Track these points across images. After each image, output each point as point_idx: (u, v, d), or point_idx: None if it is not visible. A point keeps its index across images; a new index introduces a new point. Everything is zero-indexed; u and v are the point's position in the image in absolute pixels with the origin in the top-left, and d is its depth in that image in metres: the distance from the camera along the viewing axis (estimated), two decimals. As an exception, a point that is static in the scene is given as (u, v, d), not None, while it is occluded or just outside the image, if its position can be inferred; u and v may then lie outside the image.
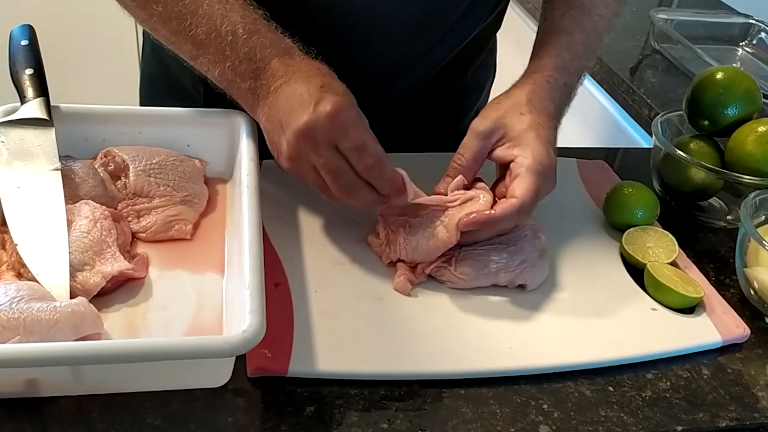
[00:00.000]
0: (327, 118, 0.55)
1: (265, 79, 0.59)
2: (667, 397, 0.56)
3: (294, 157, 0.58)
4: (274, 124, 0.58)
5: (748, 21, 1.42)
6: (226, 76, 0.61)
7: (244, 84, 0.60)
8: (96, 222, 0.58)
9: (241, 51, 0.59)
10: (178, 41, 0.62)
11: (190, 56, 0.63)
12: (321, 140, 0.56)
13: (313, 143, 0.56)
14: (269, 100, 0.59)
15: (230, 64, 0.60)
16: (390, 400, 0.53)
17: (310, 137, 0.56)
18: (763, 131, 0.72)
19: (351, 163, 0.57)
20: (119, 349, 0.45)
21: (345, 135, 0.56)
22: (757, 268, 0.64)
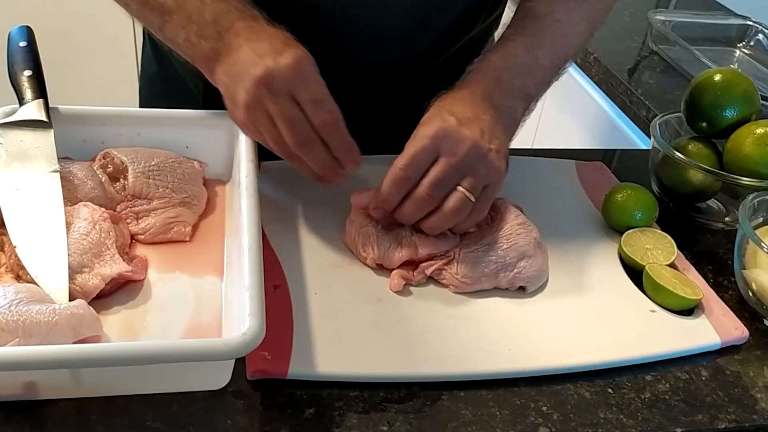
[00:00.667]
0: (287, 67, 0.56)
1: (228, 38, 0.60)
2: (666, 399, 0.56)
3: (250, 105, 0.58)
4: (233, 77, 0.59)
5: (745, 22, 1.43)
6: (190, 40, 0.61)
7: (207, 44, 0.60)
8: (95, 224, 0.58)
9: (207, 15, 0.60)
10: (146, 12, 0.63)
11: (158, 25, 0.63)
12: (280, 88, 0.56)
13: (272, 91, 0.56)
14: (231, 57, 0.59)
15: (195, 27, 0.60)
16: (389, 402, 0.53)
17: (269, 84, 0.56)
18: (762, 133, 0.73)
19: (307, 116, 0.58)
20: (119, 352, 0.45)
21: (304, 86, 0.57)
22: (756, 270, 0.65)
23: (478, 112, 0.62)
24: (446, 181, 0.59)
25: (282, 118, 0.57)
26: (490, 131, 0.61)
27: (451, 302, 0.61)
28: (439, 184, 0.59)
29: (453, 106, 0.61)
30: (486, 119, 0.62)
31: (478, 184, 0.60)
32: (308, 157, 0.59)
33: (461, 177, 0.60)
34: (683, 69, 1.26)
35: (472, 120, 0.60)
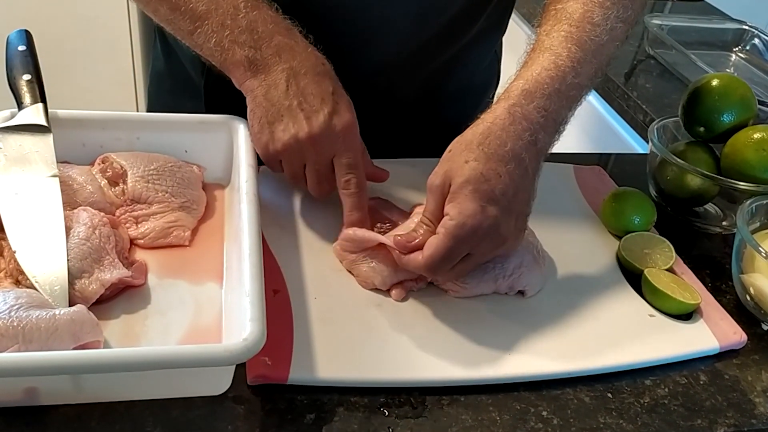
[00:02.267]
0: (340, 133, 0.60)
1: (267, 52, 0.60)
2: (665, 404, 0.56)
3: (291, 149, 0.61)
4: (276, 109, 0.60)
5: (741, 27, 1.44)
6: (223, 45, 0.61)
7: (242, 51, 0.61)
8: (95, 229, 0.58)
9: (242, 22, 0.61)
10: (176, 17, 0.63)
11: (188, 31, 0.63)
12: (327, 149, 0.61)
13: (319, 149, 0.60)
14: (271, 77, 0.61)
15: (229, 32, 0.61)
16: (390, 407, 0.53)
17: (318, 143, 0.60)
18: (759, 138, 0.73)
19: (337, 174, 0.62)
20: (120, 358, 0.45)
21: (346, 152, 0.61)
22: (754, 275, 0.65)
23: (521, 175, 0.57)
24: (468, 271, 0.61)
25: (314, 172, 0.63)
26: (524, 208, 0.60)
27: (451, 307, 0.61)
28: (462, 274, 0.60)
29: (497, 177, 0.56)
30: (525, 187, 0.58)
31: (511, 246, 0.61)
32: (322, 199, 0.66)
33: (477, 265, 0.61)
34: (679, 73, 1.26)
35: (512, 202, 0.57)
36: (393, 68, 0.77)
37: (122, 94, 2.07)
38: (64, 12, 1.94)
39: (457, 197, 0.56)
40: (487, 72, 0.90)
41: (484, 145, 0.57)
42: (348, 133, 0.61)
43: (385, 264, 0.61)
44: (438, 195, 0.58)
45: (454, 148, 0.59)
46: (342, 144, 0.61)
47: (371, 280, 0.61)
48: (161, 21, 0.66)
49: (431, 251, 0.56)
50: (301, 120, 0.59)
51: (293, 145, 0.61)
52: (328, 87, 0.61)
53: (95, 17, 1.94)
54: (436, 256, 0.56)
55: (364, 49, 0.74)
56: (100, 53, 2.00)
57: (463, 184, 0.56)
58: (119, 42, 1.99)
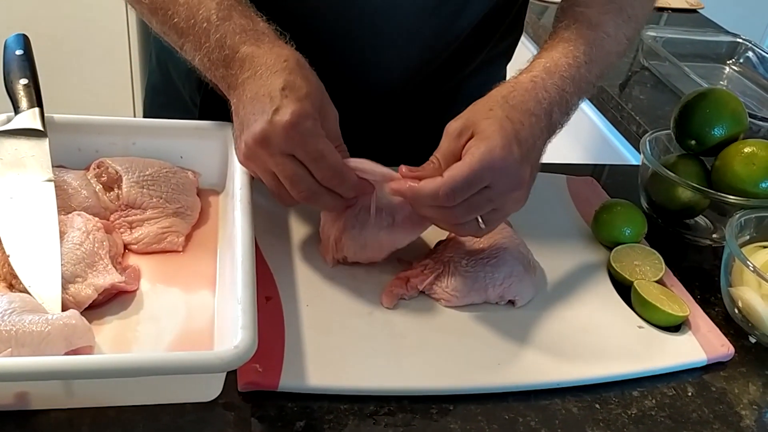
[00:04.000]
0: (283, 129, 0.55)
1: (234, 68, 0.59)
2: (652, 415, 0.56)
3: (250, 158, 0.59)
4: (239, 119, 0.59)
5: (735, 40, 1.45)
6: (204, 64, 0.61)
7: (218, 72, 0.61)
8: (88, 234, 0.59)
9: (213, 38, 0.60)
10: (166, 31, 0.63)
11: (178, 46, 0.63)
12: (276, 150, 0.56)
13: (269, 151, 0.56)
14: (237, 92, 0.59)
15: (205, 51, 0.60)
16: (379, 415, 0.53)
17: (266, 145, 0.56)
18: (749, 152, 0.74)
19: (310, 171, 0.57)
20: (112, 364, 0.45)
21: (301, 147, 0.56)
22: (742, 288, 0.65)
23: (536, 135, 0.60)
24: (479, 210, 0.59)
25: (283, 176, 0.57)
26: (537, 164, 0.61)
27: (442, 316, 0.62)
28: (473, 212, 0.59)
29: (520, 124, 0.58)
30: (539, 147, 0.61)
31: (499, 220, 0.61)
32: (317, 205, 0.60)
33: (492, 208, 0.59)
34: (673, 85, 1.27)
35: (530, 151, 0.59)
36: (397, 93, 0.78)
37: (120, 98, 2.07)
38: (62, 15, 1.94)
39: (482, 133, 0.57)
40: None
41: (509, 98, 0.60)
42: (293, 126, 0.55)
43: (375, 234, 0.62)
44: (454, 138, 0.58)
45: (477, 103, 0.61)
46: (293, 140, 0.55)
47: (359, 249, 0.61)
48: (158, 33, 0.66)
49: (453, 172, 0.55)
50: (250, 125, 0.57)
51: (248, 153, 0.58)
52: (279, 83, 0.56)
53: (93, 20, 1.95)
54: (458, 178, 0.55)
55: (369, 73, 0.75)
56: (98, 57, 2.00)
57: (489, 123, 0.57)
58: (117, 46, 1.99)
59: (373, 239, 0.62)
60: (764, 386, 0.61)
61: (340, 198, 0.59)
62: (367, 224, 0.62)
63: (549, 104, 0.61)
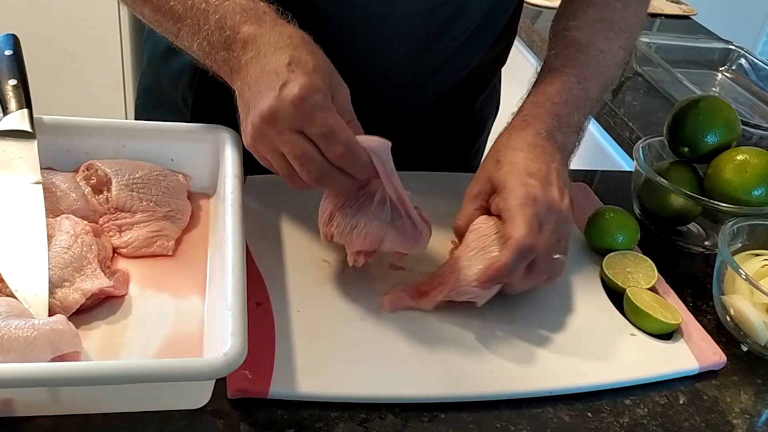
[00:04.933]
0: (291, 104, 0.52)
1: (236, 50, 0.57)
2: (644, 424, 0.56)
3: (257, 139, 0.55)
4: (244, 101, 0.57)
5: (728, 46, 1.45)
6: (204, 49, 0.59)
7: (219, 55, 0.58)
8: (77, 237, 0.58)
9: (212, 19, 0.57)
10: (160, 19, 0.61)
11: (173, 34, 0.61)
12: (285, 126, 0.53)
13: (277, 129, 0.53)
14: (241, 74, 0.57)
15: (205, 34, 0.58)
16: (370, 422, 0.53)
17: (274, 122, 0.53)
18: (741, 160, 0.74)
19: (320, 149, 0.54)
20: (99, 371, 0.45)
21: (311, 121, 0.53)
22: (734, 296, 0.65)
23: (548, 161, 0.63)
24: (555, 248, 0.61)
25: (292, 155, 0.54)
26: (563, 182, 0.63)
27: (433, 324, 0.61)
28: (551, 252, 0.60)
29: (526, 161, 0.62)
30: (555, 168, 0.63)
31: (567, 245, 0.63)
32: (328, 187, 0.58)
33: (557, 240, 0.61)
34: (666, 91, 1.27)
35: (548, 176, 0.62)
36: (391, 96, 0.78)
37: (112, 99, 2.06)
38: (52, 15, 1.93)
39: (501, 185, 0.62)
40: (487, 102, 0.91)
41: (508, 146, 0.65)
42: (302, 100, 0.52)
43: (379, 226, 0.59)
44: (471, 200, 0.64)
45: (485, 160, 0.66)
46: (302, 114, 0.52)
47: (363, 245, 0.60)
48: (149, 23, 0.64)
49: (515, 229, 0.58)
50: (255, 104, 0.54)
51: (255, 134, 0.55)
52: (284, 59, 0.54)
53: (84, 20, 1.93)
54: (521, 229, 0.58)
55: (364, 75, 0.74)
56: (90, 57, 1.99)
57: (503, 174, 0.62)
58: (109, 46, 1.98)
59: (363, 225, 0.59)
60: (756, 395, 0.61)
61: (351, 178, 0.56)
62: (365, 210, 0.59)
63: (547, 131, 0.65)
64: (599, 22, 0.71)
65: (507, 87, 0.95)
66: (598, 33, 0.70)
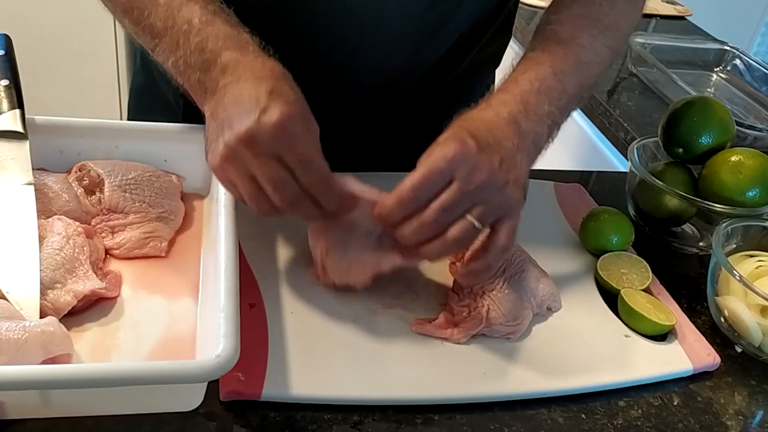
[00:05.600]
0: (272, 128, 0.52)
1: (214, 72, 0.57)
2: (638, 426, 0.56)
3: (229, 160, 0.54)
4: (217, 122, 0.56)
5: (723, 47, 1.46)
6: (178, 67, 0.59)
7: (194, 76, 0.58)
8: (69, 239, 0.57)
9: (193, 41, 0.57)
10: (138, 32, 0.61)
11: (150, 47, 0.61)
12: (262, 150, 0.53)
13: (254, 152, 0.53)
14: (216, 96, 0.56)
15: (182, 53, 0.58)
16: (364, 425, 0.52)
17: (251, 145, 0.53)
18: (736, 161, 0.74)
19: (295, 176, 0.54)
20: (90, 374, 0.44)
21: (289, 148, 0.53)
22: (728, 297, 0.65)
23: (500, 137, 0.58)
24: (455, 208, 0.55)
25: (266, 179, 0.54)
26: (510, 160, 0.58)
27: (428, 324, 0.61)
28: (448, 210, 0.55)
29: (475, 128, 0.58)
30: (508, 146, 0.58)
31: (489, 214, 0.57)
32: (297, 214, 0.57)
33: (472, 205, 0.56)
34: (661, 92, 1.27)
35: (493, 146, 0.57)
36: (383, 97, 0.77)
37: (106, 99, 2.05)
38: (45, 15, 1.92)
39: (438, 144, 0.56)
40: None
41: (464, 119, 0.59)
42: (283, 126, 0.52)
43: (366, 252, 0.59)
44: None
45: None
46: (281, 141, 0.52)
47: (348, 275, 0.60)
48: (129, 33, 0.64)
49: (409, 176, 0.54)
50: (233, 126, 0.53)
51: (227, 155, 0.54)
52: (267, 87, 0.54)
53: (78, 20, 1.92)
54: (414, 176, 0.54)
55: (356, 75, 0.74)
56: (84, 57, 1.98)
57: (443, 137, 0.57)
58: (103, 46, 1.97)
59: (356, 262, 0.60)
60: (750, 396, 0.61)
61: (321, 209, 0.57)
62: (349, 244, 0.60)
63: (509, 114, 0.61)
64: (583, 18, 0.69)
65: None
66: (581, 29, 0.68)
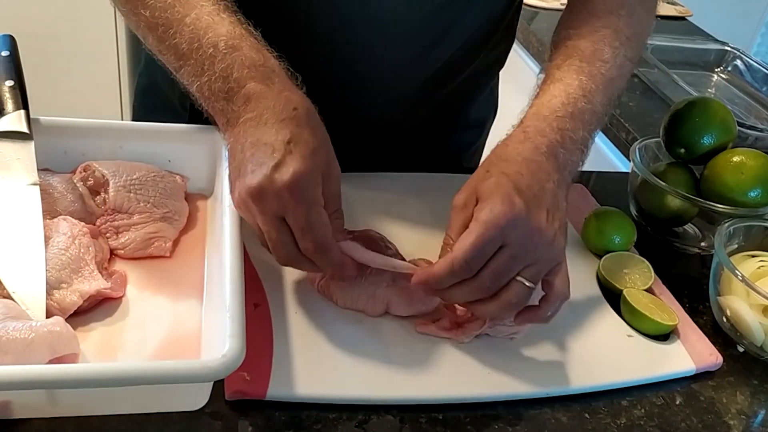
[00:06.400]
0: (280, 188, 0.52)
1: (237, 103, 0.56)
2: (641, 425, 0.56)
3: (241, 208, 0.56)
4: (236, 162, 0.55)
5: (723, 48, 1.46)
6: (203, 92, 0.58)
7: (218, 104, 0.57)
8: (74, 239, 0.58)
9: (218, 67, 0.56)
10: (163, 50, 0.60)
11: (174, 68, 0.60)
12: (269, 208, 0.53)
13: (261, 207, 0.53)
14: (236, 130, 0.56)
15: (207, 79, 0.57)
16: (368, 424, 0.53)
17: (259, 201, 0.53)
18: (738, 161, 0.74)
19: (295, 238, 0.54)
20: (96, 374, 0.45)
21: (293, 213, 0.53)
22: (730, 297, 0.66)
23: (543, 179, 0.57)
24: (509, 273, 0.54)
25: (267, 236, 0.55)
26: (554, 205, 0.57)
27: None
28: (501, 276, 0.54)
29: (519, 177, 0.56)
30: (550, 188, 0.57)
31: (541, 272, 0.56)
32: (297, 268, 0.58)
33: (524, 266, 0.55)
34: (662, 92, 1.28)
35: (539, 198, 0.55)
36: (392, 102, 0.77)
37: (107, 100, 2.05)
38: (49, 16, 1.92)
39: (483, 195, 0.55)
40: (485, 104, 0.91)
41: (502, 155, 0.59)
42: (292, 188, 0.52)
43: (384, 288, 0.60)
44: (461, 210, 0.57)
45: (476, 171, 0.59)
46: (288, 203, 0.52)
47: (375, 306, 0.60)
48: (152, 50, 0.63)
49: (462, 242, 0.53)
50: (246, 174, 0.53)
51: (240, 204, 0.55)
52: (285, 135, 0.53)
53: (81, 21, 1.93)
54: (467, 245, 0.52)
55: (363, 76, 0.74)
56: (86, 58, 1.98)
57: (488, 184, 0.56)
58: (105, 47, 1.97)
59: (367, 294, 0.60)
60: (752, 395, 0.61)
61: (317, 269, 0.57)
62: (355, 283, 0.60)
63: (548, 147, 0.59)
64: (603, 30, 0.67)
65: (504, 87, 0.96)
66: (602, 42, 0.66)
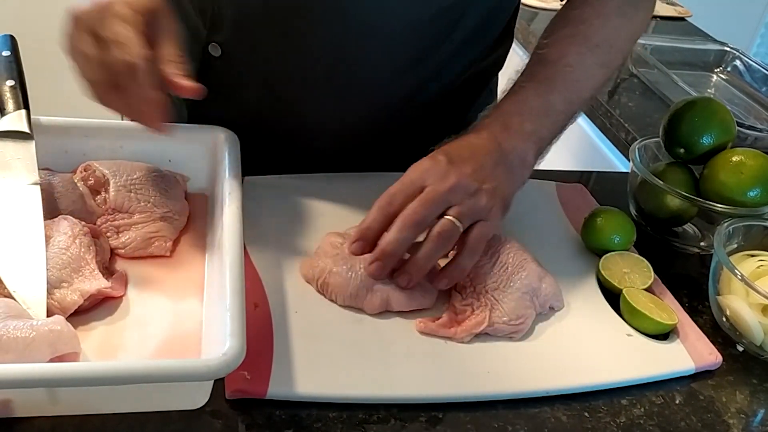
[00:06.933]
0: (92, 4, 0.53)
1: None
2: (641, 424, 0.56)
3: (65, 38, 0.56)
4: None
5: (723, 48, 1.46)
6: None
7: None
8: (75, 238, 0.58)
9: None
10: None
11: None
12: (82, 25, 0.54)
13: (77, 27, 0.54)
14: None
15: None
16: (368, 423, 0.53)
17: (75, 21, 0.54)
18: (737, 161, 0.74)
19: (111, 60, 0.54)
20: (97, 372, 0.45)
21: (103, 25, 0.53)
22: (730, 297, 0.66)
23: (477, 152, 0.62)
24: (431, 206, 0.58)
25: (81, 56, 0.55)
26: (484, 170, 0.61)
27: (431, 323, 0.61)
28: (425, 205, 0.58)
29: (450, 147, 0.62)
30: (484, 159, 0.61)
31: (465, 215, 0.59)
32: (108, 105, 0.58)
33: (447, 206, 0.58)
34: (661, 92, 1.28)
35: (467, 159, 0.60)
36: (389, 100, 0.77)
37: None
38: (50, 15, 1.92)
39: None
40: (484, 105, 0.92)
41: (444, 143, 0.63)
42: (103, 6, 0.54)
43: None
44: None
45: None
46: (98, 18, 0.54)
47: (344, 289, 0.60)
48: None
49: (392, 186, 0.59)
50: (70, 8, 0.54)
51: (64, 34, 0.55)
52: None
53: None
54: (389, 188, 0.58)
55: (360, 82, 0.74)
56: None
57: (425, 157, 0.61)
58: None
59: (365, 289, 0.60)
60: (752, 394, 0.62)
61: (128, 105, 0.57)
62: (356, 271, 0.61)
63: (489, 134, 0.64)
64: (570, 38, 0.71)
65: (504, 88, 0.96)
66: (568, 48, 0.70)
